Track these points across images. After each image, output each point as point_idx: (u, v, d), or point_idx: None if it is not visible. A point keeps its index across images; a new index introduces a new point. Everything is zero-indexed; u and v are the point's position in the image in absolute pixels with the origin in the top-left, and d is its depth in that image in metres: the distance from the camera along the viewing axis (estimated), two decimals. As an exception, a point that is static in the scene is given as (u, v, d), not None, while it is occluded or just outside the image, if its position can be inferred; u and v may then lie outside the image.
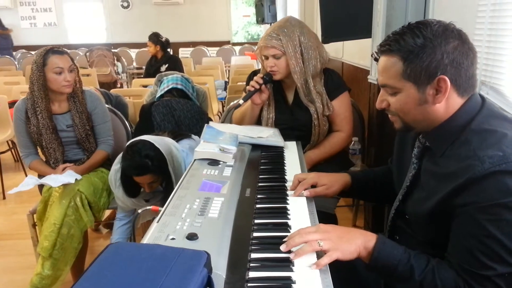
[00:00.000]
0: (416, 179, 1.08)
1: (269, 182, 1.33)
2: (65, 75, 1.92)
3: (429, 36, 0.92)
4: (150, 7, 10.89)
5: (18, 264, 2.42)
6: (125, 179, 1.73)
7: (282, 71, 1.80)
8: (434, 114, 0.97)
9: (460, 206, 0.89)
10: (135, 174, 1.68)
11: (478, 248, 0.87)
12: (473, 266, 0.88)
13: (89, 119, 2.07)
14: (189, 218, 1.01)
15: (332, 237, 0.94)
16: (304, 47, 1.78)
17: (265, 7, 6.94)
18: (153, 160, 1.63)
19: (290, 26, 1.77)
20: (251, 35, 12.62)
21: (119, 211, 1.94)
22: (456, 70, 0.92)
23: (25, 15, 10.94)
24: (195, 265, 0.73)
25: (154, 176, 1.68)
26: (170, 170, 1.65)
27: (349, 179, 1.33)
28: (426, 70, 0.93)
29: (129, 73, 8.02)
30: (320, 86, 1.84)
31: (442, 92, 0.94)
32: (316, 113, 1.82)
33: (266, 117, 1.90)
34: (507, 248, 0.85)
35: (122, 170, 1.71)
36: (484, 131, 0.92)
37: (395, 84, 0.98)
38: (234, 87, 4.01)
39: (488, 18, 1.37)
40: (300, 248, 0.91)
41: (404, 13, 1.85)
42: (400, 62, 0.95)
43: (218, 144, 1.48)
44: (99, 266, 0.73)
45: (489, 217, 0.85)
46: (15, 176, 3.86)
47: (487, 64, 1.41)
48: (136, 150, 1.64)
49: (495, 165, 0.84)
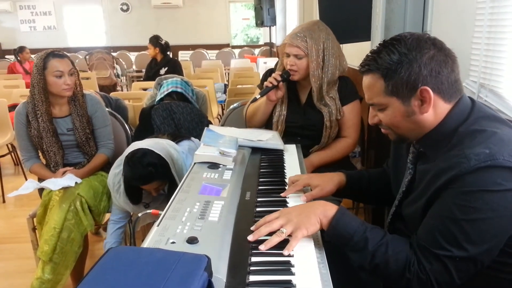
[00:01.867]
0: (411, 184, 1.10)
1: (269, 185, 1.33)
2: (65, 79, 1.93)
3: (403, 51, 0.95)
4: (149, 11, 10.91)
5: (18, 268, 2.42)
6: (129, 188, 1.73)
7: (301, 72, 1.81)
8: (424, 122, 1.00)
9: (442, 191, 0.92)
10: (141, 184, 1.69)
11: (438, 228, 0.92)
12: (428, 243, 0.92)
13: (90, 122, 2.07)
14: (189, 221, 1.01)
15: (292, 218, 0.98)
16: (326, 53, 1.79)
17: (265, 10, 6.97)
18: (156, 166, 1.63)
19: (318, 30, 1.79)
20: (250, 38, 12.64)
21: (114, 213, 1.93)
22: (437, 79, 0.95)
23: (25, 18, 10.96)
24: (195, 269, 0.73)
25: (159, 181, 1.70)
26: (173, 172, 1.66)
27: (344, 178, 1.33)
28: (406, 83, 0.95)
29: (128, 76, 8.03)
30: (334, 92, 1.85)
31: (427, 102, 0.96)
32: (329, 115, 1.83)
33: (278, 114, 1.91)
34: (466, 234, 0.88)
35: (125, 180, 1.71)
36: (473, 131, 0.94)
37: (381, 101, 1.01)
38: (234, 90, 4.02)
39: (487, 21, 1.38)
40: (267, 240, 0.95)
41: (403, 16, 1.86)
42: (381, 80, 0.98)
43: (218, 147, 1.48)
44: (100, 270, 0.73)
45: (459, 202, 0.89)
46: (14, 179, 3.86)
47: (485, 67, 1.42)
48: (137, 160, 1.62)
49: (480, 162, 0.87)
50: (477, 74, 1.46)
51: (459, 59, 0.99)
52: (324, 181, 1.29)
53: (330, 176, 1.32)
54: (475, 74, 1.48)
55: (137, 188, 1.74)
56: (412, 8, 1.84)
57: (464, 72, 1.50)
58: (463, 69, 1.49)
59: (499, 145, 0.88)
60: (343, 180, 1.32)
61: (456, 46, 1.45)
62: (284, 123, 1.90)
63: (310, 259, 0.92)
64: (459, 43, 1.56)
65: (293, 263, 0.89)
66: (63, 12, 11.05)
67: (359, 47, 2.60)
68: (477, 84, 1.46)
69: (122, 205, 1.81)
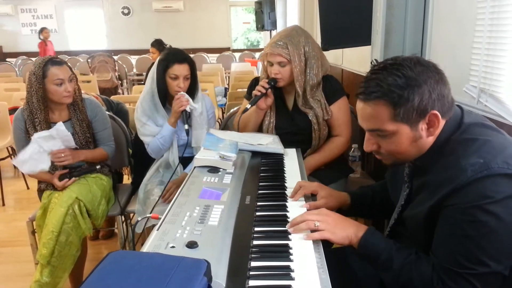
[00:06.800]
0: (409, 198, 1.11)
1: (269, 190, 1.33)
2: (66, 86, 1.92)
3: (411, 75, 0.93)
4: (150, 14, 10.96)
5: (17, 271, 2.41)
6: (159, 81, 1.96)
7: (286, 78, 1.82)
8: (426, 144, 1.00)
9: (445, 207, 0.93)
10: (178, 60, 1.93)
11: (456, 248, 0.92)
12: (450, 265, 0.92)
13: (90, 126, 2.07)
14: (189, 226, 1.01)
15: (329, 221, 1.06)
16: (308, 57, 1.80)
17: (265, 14, 6.99)
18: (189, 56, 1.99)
19: (296, 35, 1.80)
20: (250, 41, 12.68)
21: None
22: (441, 102, 0.95)
23: (26, 21, 11.01)
24: (195, 274, 0.72)
25: (189, 69, 1.96)
26: (196, 73, 2.01)
27: (348, 199, 1.36)
28: (417, 109, 0.94)
29: (129, 79, 8.04)
30: (319, 93, 1.85)
31: (435, 126, 0.96)
32: (316, 117, 1.84)
33: (268, 122, 1.92)
34: (484, 249, 0.89)
35: (162, 62, 1.95)
36: (466, 140, 0.95)
37: (387, 128, 0.97)
38: (234, 94, 4.02)
39: (487, 26, 1.38)
40: (298, 226, 1.04)
41: (403, 21, 1.86)
42: (389, 106, 0.94)
43: (218, 151, 1.48)
44: (99, 274, 0.73)
45: (467, 218, 0.89)
46: (14, 182, 3.86)
47: (486, 71, 1.42)
48: (176, 48, 2.04)
49: (476, 172, 0.88)
50: (477, 79, 1.45)
51: (459, 63, 1.00)
52: (331, 196, 1.33)
53: (337, 194, 1.35)
54: (475, 79, 1.48)
55: (165, 85, 1.97)
56: (413, 13, 1.85)
57: (464, 77, 1.50)
58: (463, 73, 1.50)
59: (492, 153, 0.90)
60: (347, 202, 1.36)
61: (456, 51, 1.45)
62: (274, 130, 1.91)
63: (309, 264, 0.91)
64: (459, 48, 1.56)
65: (293, 268, 0.89)
66: (64, 16, 11.10)
67: (359, 51, 2.61)
68: (477, 89, 1.46)
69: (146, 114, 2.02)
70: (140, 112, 2.03)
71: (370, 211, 1.40)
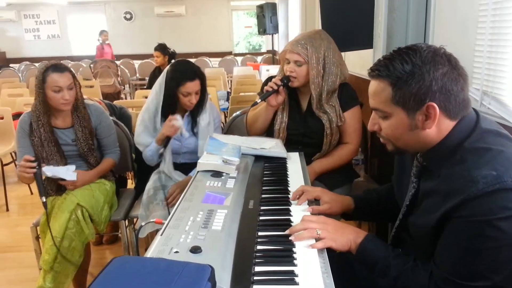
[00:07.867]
0: (415, 199, 1.09)
1: (272, 194, 1.33)
2: (63, 94, 1.91)
3: (417, 62, 0.92)
4: (152, 19, 11.01)
5: (20, 276, 2.41)
6: (169, 96, 1.96)
7: (300, 79, 1.82)
8: (425, 138, 0.98)
9: (453, 218, 0.91)
10: (189, 78, 1.92)
11: (460, 260, 0.90)
12: (452, 276, 0.91)
13: (93, 133, 2.07)
14: (192, 230, 1.00)
15: (329, 229, 1.06)
16: (327, 62, 1.80)
17: (267, 18, 7.02)
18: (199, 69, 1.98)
19: (319, 39, 1.81)
20: (252, 45, 12.70)
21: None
22: (445, 97, 0.93)
23: (29, 27, 11.08)
24: (199, 279, 0.72)
25: (200, 84, 1.96)
26: (206, 85, 2.01)
27: (351, 203, 1.35)
28: (415, 96, 0.93)
29: (132, 84, 8.07)
30: (334, 99, 1.85)
31: (431, 118, 0.94)
32: (329, 122, 1.83)
33: (280, 121, 1.91)
34: (488, 264, 0.87)
35: (173, 80, 1.93)
36: (478, 149, 0.92)
37: (385, 109, 0.98)
38: (237, 98, 4.03)
39: (489, 28, 1.38)
40: (300, 233, 1.04)
41: (405, 24, 1.87)
42: (389, 88, 0.95)
43: (221, 155, 1.48)
44: (104, 280, 0.73)
45: (474, 232, 0.87)
46: (18, 188, 3.87)
47: (488, 74, 1.42)
48: (185, 61, 2.01)
49: (489, 185, 0.85)
50: (480, 81, 1.46)
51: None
52: (335, 201, 1.32)
53: (340, 199, 1.35)
54: (477, 82, 1.48)
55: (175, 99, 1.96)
56: (414, 16, 1.85)
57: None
58: (466, 76, 1.50)
59: (506, 165, 0.87)
60: (351, 206, 1.35)
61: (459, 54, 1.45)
62: (285, 130, 1.91)
63: (314, 269, 0.91)
64: (461, 51, 1.56)
65: (297, 273, 0.89)
66: (67, 21, 11.17)
67: (361, 55, 2.61)
68: (480, 91, 1.46)
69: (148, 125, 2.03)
70: (140, 120, 2.05)
71: (375, 214, 1.39)
